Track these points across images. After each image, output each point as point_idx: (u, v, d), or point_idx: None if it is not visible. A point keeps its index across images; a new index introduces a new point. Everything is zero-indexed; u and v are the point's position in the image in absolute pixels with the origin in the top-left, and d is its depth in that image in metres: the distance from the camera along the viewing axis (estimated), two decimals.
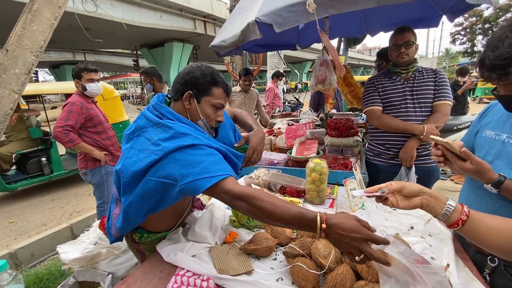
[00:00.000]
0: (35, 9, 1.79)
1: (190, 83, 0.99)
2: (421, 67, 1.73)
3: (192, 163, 0.83)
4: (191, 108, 1.01)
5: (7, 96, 1.74)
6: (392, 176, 1.70)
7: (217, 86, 1.02)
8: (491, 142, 0.96)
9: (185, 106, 1.01)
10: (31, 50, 1.80)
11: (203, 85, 1.00)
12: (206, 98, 1.01)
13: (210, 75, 1.01)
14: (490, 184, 0.85)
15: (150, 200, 0.89)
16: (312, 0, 1.25)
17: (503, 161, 0.90)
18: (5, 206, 3.97)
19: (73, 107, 2.32)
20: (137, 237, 1.07)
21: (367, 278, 0.73)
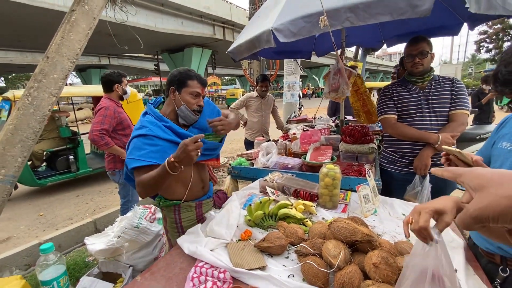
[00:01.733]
0: (73, 20, 1.97)
1: (171, 81, 1.31)
2: (438, 75, 1.74)
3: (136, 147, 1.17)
4: (176, 98, 1.31)
5: (46, 98, 1.91)
6: (405, 184, 1.71)
7: (191, 79, 1.30)
8: (506, 154, 0.97)
9: (171, 99, 1.31)
10: (68, 57, 1.98)
11: (180, 80, 1.29)
12: (184, 89, 1.30)
13: (184, 72, 1.31)
14: None
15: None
16: (325, 17, 1.30)
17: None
18: (35, 200, 4.27)
19: (108, 112, 2.48)
20: (157, 201, 1.39)
21: (374, 278, 0.77)
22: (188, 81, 1.29)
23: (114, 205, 3.79)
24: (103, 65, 24.88)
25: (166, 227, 1.45)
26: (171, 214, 1.38)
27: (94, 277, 1.80)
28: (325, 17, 1.32)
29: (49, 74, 1.91)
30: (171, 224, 1.41)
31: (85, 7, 2.00)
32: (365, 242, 0.88)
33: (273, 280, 0.85)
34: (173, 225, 1.40)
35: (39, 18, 10.59)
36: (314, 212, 1.33)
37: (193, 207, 1.39)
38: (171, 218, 1.39)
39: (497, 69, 0.83)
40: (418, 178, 1.69)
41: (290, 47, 3.39)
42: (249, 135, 3.55)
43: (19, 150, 1.83)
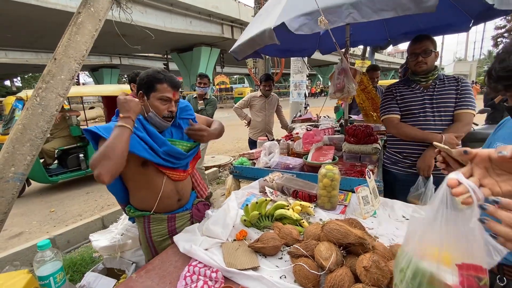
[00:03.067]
0: (79, 22, 2.02)
1: (139, 85, 1.21)
2: (443, 74, 1.70)
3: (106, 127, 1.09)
4: (145, 104, 1.21)
5: (54, 99, 1.97)
6: (409, 185, 1.67)
7: (161, 82, 1.18)
8: None
9: (140, 104, 1.16)
10: (75, 58, 2.03)
11: (148, 83, 1.18)
12: (153, 94, 1.19)
13: (152, 74, 1.18)
14: None
15: None
16: (323, 17, 1.29)
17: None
18: (47, 196, 4.41)
19: None
20: (127, 210, 1.32)
21: (365, 282, 0.77)
22: (157, 84, 1.18)
23: None
24: (114, 65, 25.39)
25: (140, 240, 1.37)
26: (142, 225, 1.29)
27: (98, 272, 1.85)
28: (322, 18, 1.30)
29: (57, 75, 1.96)
30: (143, 238, 1.31)
31: (91, 10, 2.04)
32: (358, 245, 0.87)
33: (264, 281, 0.85)
34: (144, 239, 1.31)
35: (52, 19, 10.90)
36: (312, 213, 1.33)
37: (164, 220, 1.29)
38: (142, 230, 1.30)
39: (491, 65, 0.81)
40: (422, 179, 1.65)
41: (294, 45, 3.37)
42: (252, 134, 3.55)
43: (28, 148, 1.90)
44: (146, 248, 1.33)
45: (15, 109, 4.32)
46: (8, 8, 9.55)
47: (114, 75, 27.60)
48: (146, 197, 1.26)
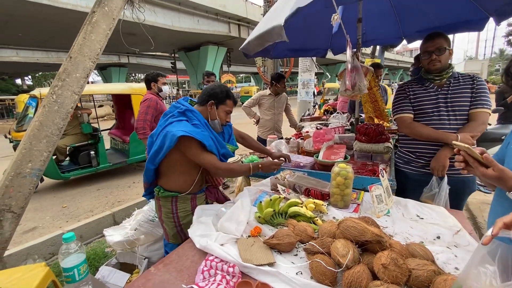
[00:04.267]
0: (94, 21, 2.05)
1: (213, 95, 1.48)
2: (458, 73, 1.67)
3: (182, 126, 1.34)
4: (212, 111, 1.49)
5: (69, 96, 2.01)
6: (421, 185, 1.66)
7: (230, 99, 1.52)
8: None
9: (208, 110, 1.49)
10: (89, 57, 2.07)
11: (221, 98, 1.49)
12: (221, 106, 1.50)
13: (226, 91, 1.51)
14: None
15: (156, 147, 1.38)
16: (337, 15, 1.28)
17: None
18: (59, 192, 4.50)
19: (151, 103, 2.95)
20: (156, 191, 1.51)
21: (383, 279, 0.77)
22: (227, 100, 1.50)
23: (132, 199, 3.94)
24: (122, 64, 25.67)
25: (161, 217, 1.55)
26: (168, 205, 1.49)
27: (112, 267, 1.89)
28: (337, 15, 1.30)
29: (72, 73, 2.00)
30: (167, 214, 1.51)
31: (105, 9, 2.07)
32: (375, 243, 0.88)
33: (281, 277, 0.86)
34: (170, 215, 1.50)
35: (63, 19, 11.08)
36: (325, 211, 1.33)
37: (188, 199, 1.51)
38: (168, 208, 1.50)
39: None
40: (436, 180, 1.63)
41: (304, 45, 3.36)
42: (261, 133, 3.56)
43: (44, 145, 1.94)
44: (171, 222, 1.51)
45: (29, 107, 4.42)
46: (20, 8, 9.75)
47: (122, 74, 27.92)
48: (180, 182, 1.48)
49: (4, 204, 1.81)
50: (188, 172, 1.48)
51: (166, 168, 1.47)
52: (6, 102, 17.09)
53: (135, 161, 5.18)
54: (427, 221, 1.28)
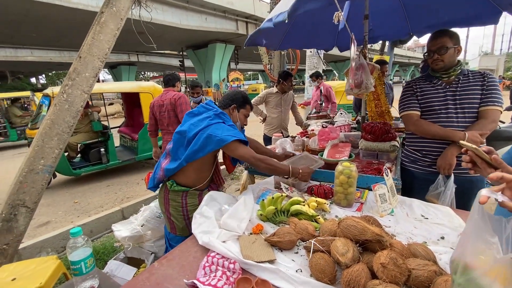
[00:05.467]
0: (102, 21, 2.10)
1: (235, 100, 1.65)
2: (467, 70, 1.63)
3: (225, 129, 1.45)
4: (233, 114, 1.65)
5: (79, 95, 2.07)
6: (427, 184, 1.63)
7: (249, 104, 1.70)
8: None
9: (230, 112, 1.65)
10: (98, 56, 2.12)
11: (242, 102, 1.66)
12: (242, 110, 1.67)
13: (246, 97, 1.70)
14: None
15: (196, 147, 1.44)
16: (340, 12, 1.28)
17: None
18: (71, 188, 4.64)
19: (187, 99, 3.18)
20: (169, 184, 1.57)
21: (382, 278, 0.77)
22: (247, 105, 1.69)
23: (140, 195, 4.02)
24: (132, 62, 26.02)
25: (169, 210, 1.60)
26: (178, 199, 1.57)
27: (120, 261, 1.95)
28: (340, 13, 1.29)
29: (82, 73, 2.06)
30: (177, 208, 1.58)
31: (113, 9, 2.11)
32: (375, 242, 0.88)
33: (280, 274, 0.88)
34: (179, 209, 1.57)
35: (74, 19, 11.30)
36: (328, 209, 1.33)
37: (196, 194, 1.59)
38: (177, 202, 1.57)
39: None
40: (442, 178, 1.60)
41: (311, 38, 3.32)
42: (268, 131, 3.56)
43: (56, 142, 2.01)
44: (180, 215, 1.59)
45: (42, 105, 4.56)
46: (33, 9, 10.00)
47: (132, 72, 28.31)
48: (195, 178, 1.57)
49: (19, 199, 1.89)
50: (204, 169, 1.59)
51: (189, 164, 1.53)
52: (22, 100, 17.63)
53: (143, 158, 5.27)
54: (431, 221, 1.26)
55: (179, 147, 1.52)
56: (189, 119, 1.58)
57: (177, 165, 1.50)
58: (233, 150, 1.45)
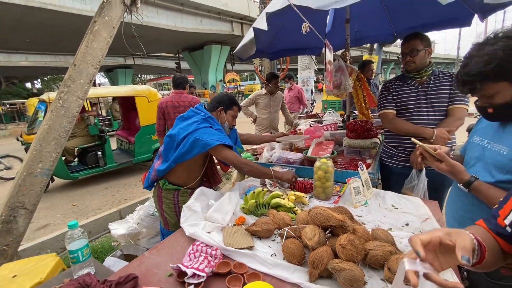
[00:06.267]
0: (95, 30, 2.20)
1: (221, 102, 1.73)
2: (438, 70, 1.75)
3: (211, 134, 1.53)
4: (221, 116, 1.73)
5: (74, 101, 2.17)
6: (403, 178, 1.75)
7: (236, 105, 1.77)
8: (475, 147, 1.03)
9: (218, 114, 1.72)
10: (92, 64, 2.22)
11: (228, 104, 1.73)
12: (229, 112, 1.74)
13: (232, 99, 1.77)
14: (462, 184, 0.94)
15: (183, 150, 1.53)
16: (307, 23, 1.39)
17: (481, 164, 0.97)
18: (69, 192, 4.72)
19: None
20: (161, 183, 1.68)
21: (341, 257, 0.88)
22: (234, 106, 1.75)
23: (137, 197, 4.12)
24: (128, 65, 26.08)
25: (163, 207, 1.71)
26: (170, 196, 1.68)
27: (117, 258, 2.05)
28: (307, 24, 1.40)
29: (76, 80, 2.16)
30: (169, 205, 1.69)
31: (105, 18, 2.22)
32: (339, 227, 0.99)
33: (256, 258, 0.99)
34: (171, 206, 1.69)
35: (69, 23, 11.38)
36: (306, 202, 1.45)
37: (188, 193, 1.68)
38: (169, 200, 1.68)
39: (458, 70, 0.90)
40: (415, 172, 1.72)
41: (300, 44, 3.45)
42: (258, 131, 3.67)
43: (53, 147, 2.11)
44: (172, 212, 1.70)
45: (38, 111, 4.64)
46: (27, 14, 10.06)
47: (128, 75, 28.37)
48: (185, 177, 1.68)
49: (18, 202, 1.98)
50: (194, 169, 1.69)
51: (178, 165, 1.63)
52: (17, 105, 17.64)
53: (140, 161, 5.37)
54: (400, 210, 1.38)
55: (170, 150, 1.62)
56: (179, 123, 1.68)
57: (166, 166, 1.60)
58: (219, 153, 1.54)
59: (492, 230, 0.66)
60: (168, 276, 0.96)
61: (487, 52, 0.81)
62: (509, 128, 0.91)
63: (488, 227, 0.67)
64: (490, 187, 0.89)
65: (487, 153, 0.95)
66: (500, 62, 0.79)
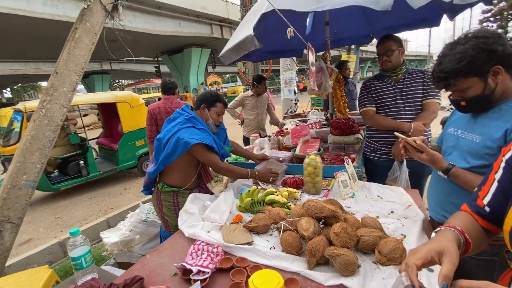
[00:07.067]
0: (77, 37, 2.16)
1: (204, 100, 1.73)
2: (411, 68, 1.89)
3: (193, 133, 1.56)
4: (204, 113, 1.73)
5: (58, 110, 2.12)
6: (386, 170, 1.87)
7: (219, 102, 1.75)
8: (451, 137, 1.14)
9: (201, 112, 1.73)
10: (75, 71, 2.18)
11: (211, 101, 1.73)
12: (213, 109, 1.73)
13: (215, 96, 1.76)
14: (441, 171, 1.04)
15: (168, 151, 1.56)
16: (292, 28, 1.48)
17: (457, 152, 1.08)
18: (51, 204, 4.54)
19: None
20: (160, 186, 1.70)
21: (336, 244, 0.95)
22: (217, 103, 1.73)
23: (124, 205, 4.03)
24: (105, 71, 25.24)
25: (163, 210, 1.72)
26: (170, 199, 1.70)
27: (111, 266, 2.02)
28: (291, 29, 1.48)
29: (59, 88, 2.11)
30: (169, 207, 1.71)
31: (87, 25, 2.19)
32: (332, 217, 1.06)
33: (257, 252, 1.04)
34: (171, 208, 1.70)
35: (40, 29, 10.87)
36: (298, 197, 1.52)
37: (187, 194, 1.67)
38: (169, 202, 1.70)
39: (433, 67, 1.00)
40: (397, 164, 1.84)
41: (281, 47, 3.54)
42: (246, 132, 3.73)
43: (37, 157, 2.05)
44: (173, 214, 1.71)
45: (14, 121, 4.43)
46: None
47: (106, 81, 27.46)
48: (182, 178, 1.70)
49: (3, 216, 1.91)
50: (189, 170, 1.71)
51: (171, 167, 1.66)
52: None
53: (124, 168, 5.25)
54: (385, 199, 1.48)
55: (159, 153, 1.65)
56: (166, 125, 1.71)
57: (155, 169, 1.64)
58: (200, 154, 1.58)
59: (474, 212, 0.75)
60: (172, 276, 0.99)
61: (459, 51, 0.91)
62: (480, 119, 1.02)
63: (470, 209, 0.76)
64: (466, 172, 1.00)
65: (461, 142, 1.06)
66: (471, 59, 0.89)
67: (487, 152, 0.94)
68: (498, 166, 0.69)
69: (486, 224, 0.72)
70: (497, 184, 0.69)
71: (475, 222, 0.73)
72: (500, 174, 0.68)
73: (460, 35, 0.96)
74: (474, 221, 0.73)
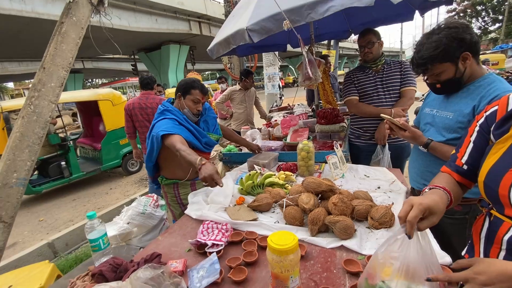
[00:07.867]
0: (63, 31, 2.13)
1: (179, 89, 1.71)
2: (389, 59, 2.06)
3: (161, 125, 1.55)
4: (181, 102, 1.71)
5: (46, 106, 2.09)
6: (370, 153, 2.04)
7: (194, 89, 1.68)
8: (427, 116, 1.30)
9: (178, 102, 1.72)
10: (62, 66, 2.15)
11: (186, 88, 1.68)
12: (188, 96, 1.68)
13: (190, 83, 1.69)
14: (421, 146, 1.20)
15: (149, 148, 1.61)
16: (288, 21, 1.58)
17: (434, 129, 1.24)
18: (33, 207, 4.36)
19: None
20: (160, 180, 1.78)
21: (334, 213, 1.08)
22: (192, 90, 1.67)
23: (112, 204, 3.98)
24: (77, 69, 24.02)
25: (168, 202, 1.80)
26: (171, 191, 1.76)
27: None
28: (287, 21, 1.59)
29: (47, 83, 2.08)
30: (172, 199, 1.79)
31: (73, 19, 2.16)
32: (329, 191, 1.19)
33: (263, 226, 1.14)
34: (174, 199, 1.78)
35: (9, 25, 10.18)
36: (294, 180, 1.64)
37: (188, 185, 1.76)
38: (171, 193, 1.78)
39: (413, 55, 1.15)
40: (380, 148, 2.02)
41: (266, 42, 3.63)
42: (236, 125, 3.80)
43: (27, 155, 2.01)
44: (176, 204, 1.79)
45: None
46: None
47: (78, 80, 26.15)
48: (178, 170, 1.72)
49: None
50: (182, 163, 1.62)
51: (163, 161, 1.72)
52: None
53: (109, 168, 5.14)
54: (372, 178, 1.64)
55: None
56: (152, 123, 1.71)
57: (147, 167, 1.74)
58: (169, 144, 1.48)
59: (453, 171, 0.87)
60: (187, 252, 1.07)
61: (435, 40, 1.06)
62: (451, 98, 1.18)
63: (450, 169, 0.88)
64: (443, 145, 1.16)
65: (437, 119, 1.22)
66: (445, 47, 1.04)
67: (459, 126, 1.11)
68: (473, 130, 0.83)
69: (462, 180, 0.85)
70: (472, 144, 0.82)
71: (453, 180, 0.86)
72: (474, 137, 0.82)
73: (434, 26, 1.11)
74: (453, 180, 0.86)
